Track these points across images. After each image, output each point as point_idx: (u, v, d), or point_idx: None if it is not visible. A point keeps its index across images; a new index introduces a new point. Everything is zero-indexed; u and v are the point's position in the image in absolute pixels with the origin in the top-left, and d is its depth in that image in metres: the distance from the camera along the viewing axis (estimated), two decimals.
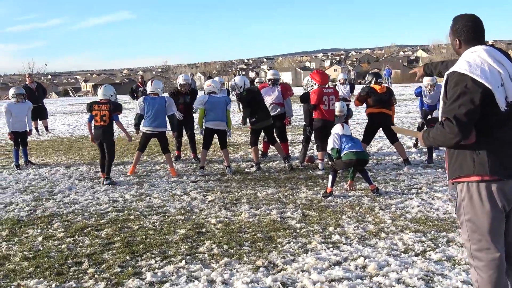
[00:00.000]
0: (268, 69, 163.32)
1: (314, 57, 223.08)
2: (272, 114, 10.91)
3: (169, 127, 10.91)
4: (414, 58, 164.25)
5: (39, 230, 7.15)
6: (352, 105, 14.66)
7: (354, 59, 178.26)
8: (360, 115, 19.72)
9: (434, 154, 10.92)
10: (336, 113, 10.52)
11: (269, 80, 11.47)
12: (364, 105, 10.87)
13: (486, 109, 3.33)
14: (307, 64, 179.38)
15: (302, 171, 10.50)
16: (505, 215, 3.55)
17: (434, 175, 9.64)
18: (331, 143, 8.62)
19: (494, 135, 3.42)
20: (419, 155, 11.73)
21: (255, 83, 17.94)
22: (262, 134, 11.19)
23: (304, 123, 11.22)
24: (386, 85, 16.44)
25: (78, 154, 13.84)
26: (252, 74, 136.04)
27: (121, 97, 55.76)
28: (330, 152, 8.70)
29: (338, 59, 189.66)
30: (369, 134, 10.83)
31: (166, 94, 11.52)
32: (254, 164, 10.80)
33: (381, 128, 10.64)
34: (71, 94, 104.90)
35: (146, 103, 10.37)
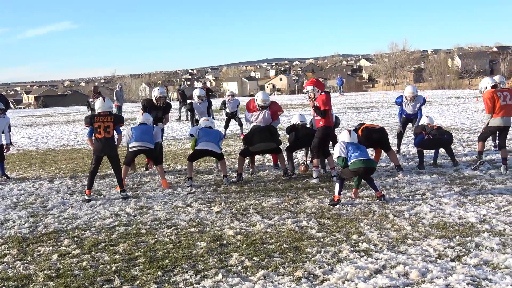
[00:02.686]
0: (214, 79, 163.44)
1: (258, 66, 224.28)
2: None
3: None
4: (357, 67, 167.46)
5: (50, 248, 6.88)
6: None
7: (299, 69, 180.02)
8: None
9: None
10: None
11: (259, 106, 11.26)
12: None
13: None
14: (252, 73, 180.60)
15: (297, 179, 10.46)
16: None
17: (431, 180, 9.80)
18: (337, 151, 8.62)
19: None
20: (408, 161, 11.87)
21: (226, 96, 18.03)
22: None
23: (288, 134, 11.17)
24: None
25: (55, 167, 13.43)
26: (197, 84, 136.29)
27: (66, 108, 55.03)
28: (336, 160, 8.70)
29: (283, 68, 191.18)
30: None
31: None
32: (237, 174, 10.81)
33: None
34: (12, 106, 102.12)
35: (133, 130, 10.46)
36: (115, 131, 9.64)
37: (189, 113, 16.44)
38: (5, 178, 11.89)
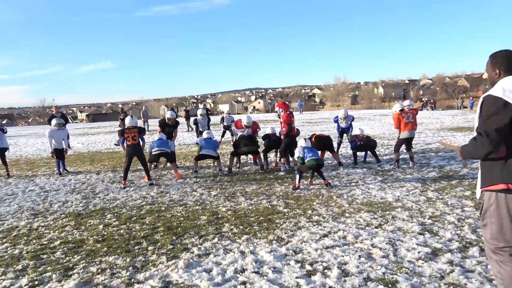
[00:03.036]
0: (212, 102, 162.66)
1: (243, 93, 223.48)
2: None
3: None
4: (312, 94, 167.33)
5: (98, 220, 6.83)
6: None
7: (272, 95, 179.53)
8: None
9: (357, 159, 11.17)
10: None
11: (244, 126, 11.32)
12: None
13: None
14: (239, 98, 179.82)
15: (270, 172, 10.48)
16: None
17: (362, 173, 9.87)
18: (297, 153, 8.68)
19: None
20: (346, 159, 11.95)
21: (224, 114, 18.09)
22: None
23: (263, 140, 11.22)
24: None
25: (100, 164, 13.28)
26: (200, 106, 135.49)
27: (108, 123, 54.35)
28: (296, 159, 8.75)
29: (260, 95, 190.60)
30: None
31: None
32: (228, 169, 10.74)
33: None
34: (70, 121, 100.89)
35: (154, 142, 10.51)
36: (140, 139, 9.59)
37: (194, 126, 16.36)
38: (65, 172, 11.76)
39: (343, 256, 4.85)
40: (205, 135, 11.09)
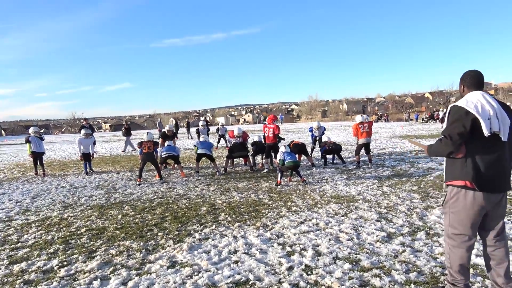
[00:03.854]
0: (211, 116, 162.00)
1: (236, 108, 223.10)
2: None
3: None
4: (290, 109, 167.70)
5: (117, 211, 6.67)
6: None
7: (258, 110, 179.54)
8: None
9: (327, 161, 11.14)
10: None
11: (236, 135, 11.26)
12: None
13: (474, 134, 2.82)
14: (232, 112, 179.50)
15: (257, 172, 10.40)
16: (486, 212, 2.98)
17: (331, 172, 9.84)
18: (279, 156, 8.62)
19: (478, 154, 2.85)
20: (317, 161, 11.91)
21: (219, 125, 17.79)
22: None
23: (252, 146, 11.14)
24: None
25: (120, 165, 13.03)
26: (202, 118, 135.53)
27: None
28: (278, 161, 8.69)
29: (249, 109, 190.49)
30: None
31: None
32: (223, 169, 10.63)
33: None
34: (96, 130, 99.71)
35: (163, 148, 10.31)
36: (154, 150, 9.52)
37: (196, 134, 16.11)
38: (91, 171, 11.52)
39: (316, 239, 4.80)
40: (201, 139, 10.96)
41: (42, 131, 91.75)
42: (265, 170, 10.26)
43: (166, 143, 10.52)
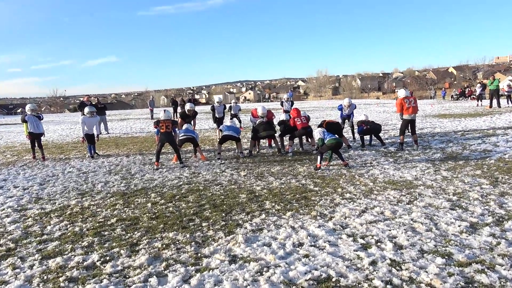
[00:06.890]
0: (207, 93, 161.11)
1: (235, 85, 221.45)
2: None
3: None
4: (296, 86, 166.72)
5: (144, 199, 6.54)
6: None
7: (261, 86, 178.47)
8: None
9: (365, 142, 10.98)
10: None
11: (260, 116, 10.89)
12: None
13: None
14: (231, 90, 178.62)
15: (285, 155, 10.24)
16: None
17: (373, 154, 9.69)
18: (318, 134, 8.44)
19: None
20: (352, 143, 11.73)
21: (232, 103, 17.34)
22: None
23: (279, 126, 10.96)
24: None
25: (126, 148, 12.84)
26: (197, 96, 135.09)
27: (113, 112, 53.34)
28: (317, 141, 8.53)
29: (250, 86, 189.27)
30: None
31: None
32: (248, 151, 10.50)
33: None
34: (78, 110, 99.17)
35: (181, 131, 10.12)
36: (172, 130, 9.39)
37: (212, 112, 15.49)
38: (97, 155, 11.35)
39: (389, 230, 4.67)
40: (228, 123, 10.78)
41: (19, 110, 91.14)
42: (290, 153, 10.11)
43: (184, 126, 10.34)
